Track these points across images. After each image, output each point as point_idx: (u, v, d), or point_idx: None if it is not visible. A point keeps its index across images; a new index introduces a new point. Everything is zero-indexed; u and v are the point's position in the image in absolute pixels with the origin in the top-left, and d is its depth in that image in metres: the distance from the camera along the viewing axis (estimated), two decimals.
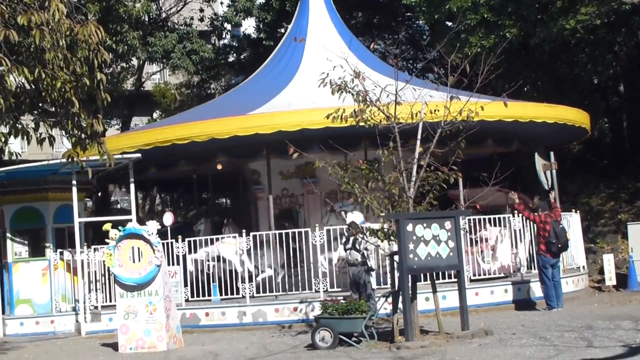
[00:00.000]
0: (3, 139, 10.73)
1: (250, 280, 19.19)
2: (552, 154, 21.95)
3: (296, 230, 19.73)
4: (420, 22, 34.79)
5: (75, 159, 11.12)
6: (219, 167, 22.28)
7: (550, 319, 16.67)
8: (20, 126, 10.64)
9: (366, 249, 16.90)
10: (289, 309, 18.51)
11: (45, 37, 9.32)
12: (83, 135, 10.70)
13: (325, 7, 24.56)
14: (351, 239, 16.71)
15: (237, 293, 19.14)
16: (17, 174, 20.74)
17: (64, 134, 10.95)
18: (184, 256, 19.54)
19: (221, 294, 19.52)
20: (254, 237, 19.42)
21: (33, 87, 10.67)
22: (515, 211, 19.48)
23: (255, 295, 19.11)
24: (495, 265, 20.00)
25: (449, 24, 27.58)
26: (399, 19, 37.29)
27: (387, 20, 37.13)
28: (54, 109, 11.18)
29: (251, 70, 27.95)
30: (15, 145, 12.38)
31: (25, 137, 10.61)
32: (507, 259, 20.19)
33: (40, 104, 13.92)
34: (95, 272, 20.35)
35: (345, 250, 17.05)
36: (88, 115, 10.95)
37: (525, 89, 28.57)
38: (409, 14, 34.46)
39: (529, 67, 29.71)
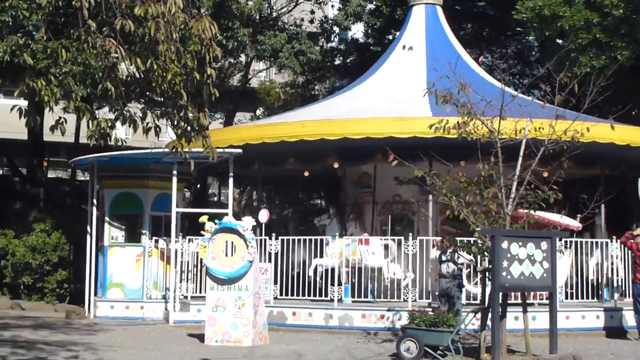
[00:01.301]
0: (110, 125, 10.94)
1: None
2: None
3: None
4: (531, 38, 34.36)
5: (179, 150, 11.28)
6: (306, 173, 22.41)
7: None
8: (128, 114, 10.83)
9: (462, 263, 16.80)
10: (376, 316, 18.51)
11: (160, 29, 9.46)
12: (189, 128, 10.85)
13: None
14: (448, 251, 16.62)
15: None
16: (120, 160, 21.16)
17: (170, 124, 11.12)
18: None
19: (314, 295, 19.56)
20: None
21: (143, 77, 10.84)
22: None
23: (343, 299, 19.16)
24: None
25: (560, 41, 27.21)
26: (509, 34, 36.90)
27: (496, 34, 36.78)
28: (162, 99, 11.36)
29: (356, 75, 28.00)
30: (120, 132, 12.61)
31: (132, 125, 10.79)
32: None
33: (148, 94, 14.17)
34: (187, 262, 20.65)
35: (442, 262, 16.96)
36: (195, 108, 11.09)
37: (634, 112, 27.99)
38: (519, 29, 34.06)
39: (638, 91, 29.10)
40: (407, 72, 22.86)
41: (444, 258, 16.82)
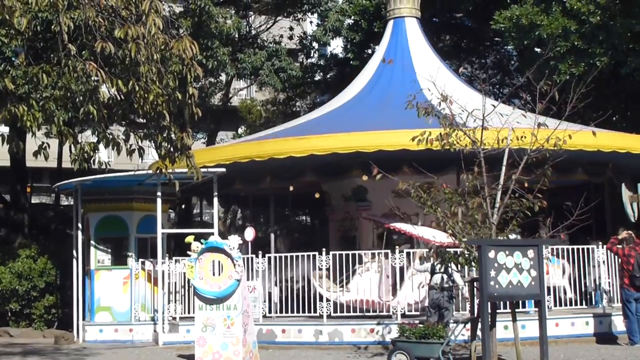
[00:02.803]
0: (93, 148, 10.94)
1: None
2: (639, 185, 21.57)
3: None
4: (509, 47, 34.52)
5: (163, 171, 11.28)
6: (291, 188, 22.42)
7: (633, 354, 16.36)
8: (111, 136, 10.82)
9: (451, 275, 16.82)
10: (366, 330, 18.48)
11: (141, 51, 9.48)
12: (172, 148, 10.85)
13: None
14: (436, 263, 16.61)
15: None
16: (103, 183, 21.11)
17: (153, 145, 11.12)
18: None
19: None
20: None
21: (124, 98, 10.84)
22: None
23: (332, 314, 19.13)
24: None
25: (538, 50, 27.34)
26: (487, 44, 37.04)
27: (475, 45, 36.91)
28: (144, 121, 11.36)
29: (337, 90, 28.03)
30: (103, 154, 12.59)
31: (115, 148, 10.79)
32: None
33: (131, 116, 14.16)
34: (175, 283, 20.58)
35: (433, 273, 16.94)
36: (177, 128, 11.10)
37: (614, 118, 28.13)
38: (497, 39, 34.18)
39: (618, 97, 29.25)
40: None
41: (438, 269, 16.80)
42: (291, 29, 34.20)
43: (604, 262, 19.95)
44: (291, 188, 22.34)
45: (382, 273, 19.50)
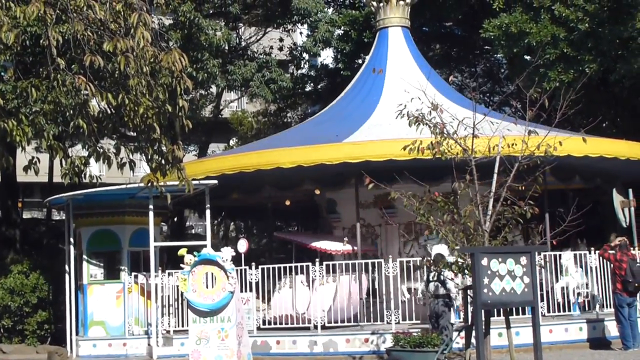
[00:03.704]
0: (83, 162, 10.92)
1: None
2: (630, 191, 21.64)
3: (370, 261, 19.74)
4: (499, 55, 34.60)
5: (154, 184, 11.26)
6: (288, 202, 22.44)
7: (626, 359, 16.36)
8: (101, 150, 10.80)
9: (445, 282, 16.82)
10: (360, 340, 18.46)
11: (130, 64, 9.46)
12: (163, 161, 10.83)
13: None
14: (433, 272, 16.62)
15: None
16: (95, 197, 21.06)
17: (144, 159, 11.10)
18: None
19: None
20: None
21: (114, 112, 10.83)
22: None
23: (326, 325, 19.11)
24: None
25: (528, 58, 27.41)
26: (477, 52, 37.16)
27: (465, 53, 37.02)
28: (135, 134, 11.34)
29: (328, 100, 28.06)
30: (94, 168, 12.57)
31: (106, 161, 10.77)
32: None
33: (121, 129, 14.15)
34: (168, 296, 20.54)
35: (429, 282, 16.94)
36: (168, 141, 11.08)
37: (604, 124, 28.19)
38: (487, 47, 34.31)
39: (608, 103, 29.34)
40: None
41: (434, 279, 16.79)
42: (281, 40, 34.23)
43: (595, 267, 19.98)
44: (287, 202, 22.39)
45: (294, 287, 19.69)
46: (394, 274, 18.85)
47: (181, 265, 16.78)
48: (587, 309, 20.44)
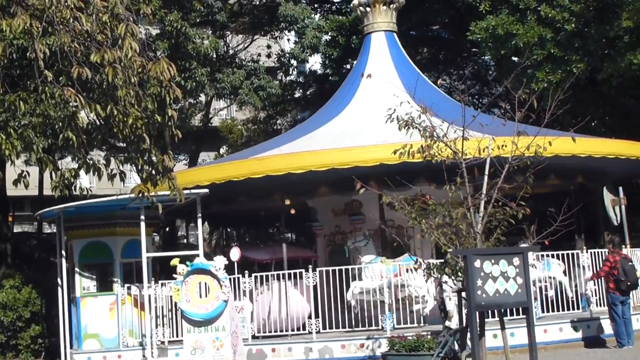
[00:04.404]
0: (73, 174, 10.88)
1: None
2: (620, 189, 21.68)
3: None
4: (486, 57, 34.70)
5: (145, 194, 11.23)
6: (292, 211, 22.47)
7: (622, 356, 16.41)
8: (91, 162, 10.78)
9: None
10: (356, 345, 18.45)
11: (118, 75, 9.45)
12: (154, 171, 10.80)
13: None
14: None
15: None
16: (86, 209, 21.00)
17: (134, 169, 11.08)
18: None
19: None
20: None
21: (104, 123, 10.81)
22: None
23: (321, 331, 19.10)
24: None
25: (515, 59, 27.48)
26: (465, 55, 37.25)
27: (452, 56, 37.11)
28: (124, 144, 11.32)
29: (317, 106, 28.07)
30: (85, 180, 12.55)
31: (96, 173, 10.74)
32: None
33: (111, 140, 14.14)
34: (162, 307, 20.47)
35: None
36: (158, 150, 11.07)
37: (593, 124, 28.28)
38: (474, 49, 34.39)
39: (596, 102, 29.43)
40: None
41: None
42: (269, 47, 34.26)
43: (588, 266, 20.01)
44: (293, 211, 22.42)
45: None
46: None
47: (174, 275, 16.77)
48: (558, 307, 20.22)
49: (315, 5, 37.28)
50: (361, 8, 25.01)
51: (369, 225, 21.72)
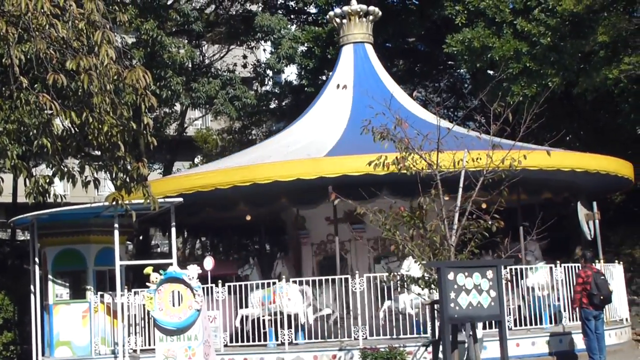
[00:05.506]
0: (48, 181, 10.84)
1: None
2: (594, 204, 21.79)
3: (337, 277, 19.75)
4: (462, 70, 34.85)
5: (119, 202, 11.20)
6: (248, 217, 22.54)
7: None
8: (65, 169, 10.74)
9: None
10: (328, 357, 18.42)
11: (94, 82, 9.43)
12: (128, 179, 10.78)
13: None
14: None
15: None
16: (60, 217, 20.90)
17: (109, 177, 11.05)
18: None
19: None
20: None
21: (78, 130, 10.77)
22: None
23: (294, 342, 19.07)
24: None
25: (491, 72, 27.62)
26: (441, 68, 37.38)
27: (428, 69, 37.24)
28: (99, 152, 11.29)
29: (292, 117, 28.08)
30: (59, 187, 12.49)
31: (70, 180, 10.71)
32: None
33: (85, 148, 14.11)
34: (135, 315, 20.40)
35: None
36: (133, 158, 11.04)
37: (568, 138, 28.44)
38: (450, 62, 34.53)
39: (571, 117, 29.61)
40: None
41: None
42: (245, 57, 34.26)
43: (562, 280, 20.09)
44: (248, 217, 22.39)
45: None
46: (360, 290, 18.86)
47: (147, 283, 16.71)
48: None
49: (292, 16, 37.31)
50: (337, 19, 25.07)
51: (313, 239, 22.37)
